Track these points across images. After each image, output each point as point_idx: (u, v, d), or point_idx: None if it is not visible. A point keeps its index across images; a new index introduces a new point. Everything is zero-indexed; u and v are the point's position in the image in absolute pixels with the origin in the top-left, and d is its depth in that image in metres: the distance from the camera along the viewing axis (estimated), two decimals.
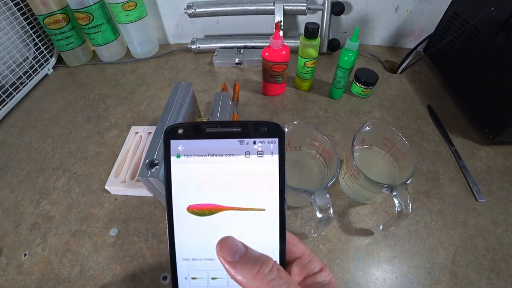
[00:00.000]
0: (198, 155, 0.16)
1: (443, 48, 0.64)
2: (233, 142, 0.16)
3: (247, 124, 0.16)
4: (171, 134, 0.16)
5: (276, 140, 0.16)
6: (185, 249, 0.17)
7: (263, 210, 0.17)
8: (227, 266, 0.15)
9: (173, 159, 0.16)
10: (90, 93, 0.67)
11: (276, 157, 0.16)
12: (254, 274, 0.14)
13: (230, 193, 0.17)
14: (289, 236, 0.18)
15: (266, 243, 0.17)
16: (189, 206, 0.16)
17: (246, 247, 0.16)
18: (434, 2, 0.67)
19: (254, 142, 0.16)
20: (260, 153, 0.16)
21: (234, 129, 0.16)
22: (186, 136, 0.16)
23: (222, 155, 0.16)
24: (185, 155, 0.16)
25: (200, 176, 0.17)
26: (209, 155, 0.16)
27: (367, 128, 0.40)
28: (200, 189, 0.17)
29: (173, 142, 0.16)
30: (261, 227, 0.17)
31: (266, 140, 0.16)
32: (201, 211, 0.16)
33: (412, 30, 0.74)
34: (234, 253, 0.15)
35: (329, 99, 0.62)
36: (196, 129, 0.16)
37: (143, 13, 0.71)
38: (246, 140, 0.16)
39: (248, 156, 0.16)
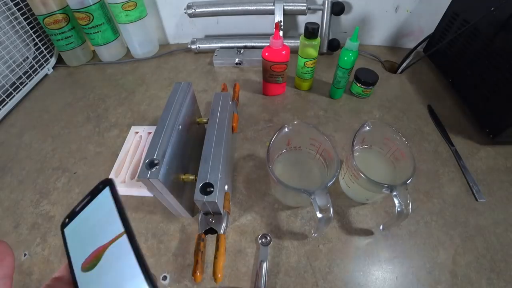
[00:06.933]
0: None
1: (443, 48, 0.64)
2: None
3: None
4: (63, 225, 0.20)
5: (107, 188, 0.19)
6: None
7: (123, 234, 0.17)
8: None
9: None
10: (90, 93, 0.67)
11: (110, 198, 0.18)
12: None
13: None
14: None
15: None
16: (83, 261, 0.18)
17: None
18: (434, 2, 0.67)
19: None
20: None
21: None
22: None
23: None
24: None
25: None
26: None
27: (367, 128, 0.40)
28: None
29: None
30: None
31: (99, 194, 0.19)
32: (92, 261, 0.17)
33: (412, 30, 0.74)
34: None
35: (329, 99, 0.62)
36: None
37: (143, 13, 0.71)
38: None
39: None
